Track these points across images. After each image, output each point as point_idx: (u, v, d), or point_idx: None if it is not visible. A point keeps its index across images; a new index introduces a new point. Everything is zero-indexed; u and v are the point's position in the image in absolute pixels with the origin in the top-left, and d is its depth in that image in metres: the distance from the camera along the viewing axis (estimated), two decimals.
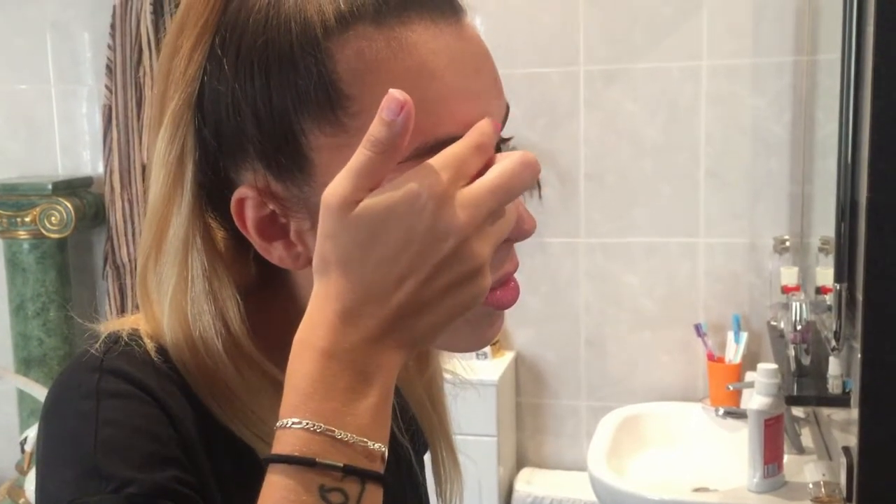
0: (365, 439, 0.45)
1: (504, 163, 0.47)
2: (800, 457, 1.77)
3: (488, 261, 0.46)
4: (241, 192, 0.52)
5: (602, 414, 2.14)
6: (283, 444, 0.45)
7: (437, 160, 0.46)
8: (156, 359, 0.54)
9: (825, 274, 1.73)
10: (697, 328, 2.20)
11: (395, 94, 0.44)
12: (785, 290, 1.94)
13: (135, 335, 0.55)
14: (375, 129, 0.44)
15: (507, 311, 0.56)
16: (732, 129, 2.20)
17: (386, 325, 0.45)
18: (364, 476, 0.44)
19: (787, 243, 2.09)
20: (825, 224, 1.75)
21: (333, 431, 0.44)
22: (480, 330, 0.55)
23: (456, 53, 0.51)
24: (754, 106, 2.18)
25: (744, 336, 2.15)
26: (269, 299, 0.59)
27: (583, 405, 2.40)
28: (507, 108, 0.55)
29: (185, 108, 0.53)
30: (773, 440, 1.62)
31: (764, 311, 2.18)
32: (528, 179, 0.47)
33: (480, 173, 0.47)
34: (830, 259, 1.65)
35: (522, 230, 0.52)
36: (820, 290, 1.78)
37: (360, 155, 0.45)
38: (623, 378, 2.36)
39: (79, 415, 0.51)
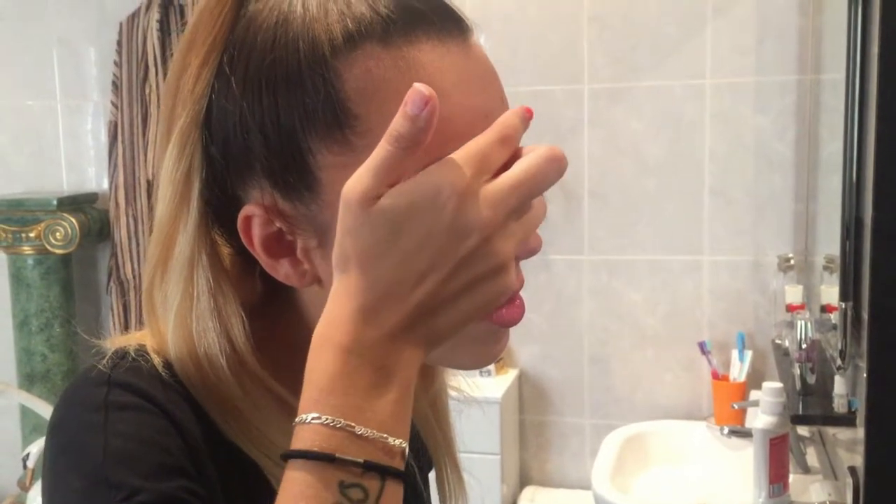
0: (385, 435, 0.44)
1: (530, 157, 0.46)
2: (805, 476, 1.76)
3: (512, 258, 0.46)
4: (248, 209, 0.52)
5: (606, 432, 2.13)
6: (303, 439, 0.44)
7: (459, 154, 0.45)
8: (163, 374, 0.54)
9: (830, 292, 1.72)
10: (702, 346, 2.19)
11: (420, 87, 0.44)
12: (789, 308, 1.94)
13: (141, 351, 0.56)
14: (398, 123, 0.44)
15: (510, 329, 0.56)
16: (736, 146, 2.21)
17: (406, 321, 0.45)
18: (384, 472, 0.44)
19: (792, 261, 2.09)
20: (829, 242, 1.75)
21: (353, 427, 0.44)
22: (485, 347, 0.55)
23: (463, 73, 0.51)
24: (758, 124, 2.18)
25: (748, 354, 2.14)
26: (274, 316, 0.59)
27: (587, 423, 2.40)
28: None
29: (192, 126, 0.53)
30: (779, 460, 1.61)
31: (768, 329, 2.18)
32: (553, 175, 0.47)
33: (507, 166, 0.46)
34: (835, 277, 1.64)
35: (529, 248, 0.52)
36: (825, 309, 1.77)
37: (382, 150, 0.44)
38: (627, 396, 2.35)
39: (87, 427, 0.51)
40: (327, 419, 0.44)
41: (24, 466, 2.09)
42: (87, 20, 2.58)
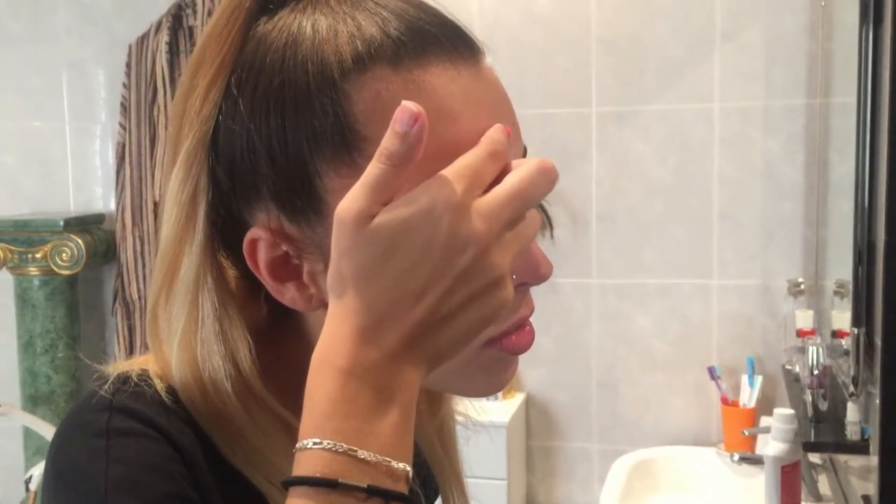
0: (388, 458, 0.44)
1: (521, 170, 0.46)
2: None
3: (509, 271, 0.45)
4: (254, 232, 0.52)
5: (614, 457, 2.11)
6: (304, 465, 0.43)
7: (450, 171, 0.45)
8: (166, 399, 0.53)
9: (841, 318, 1.71)
10: (711, 371, 2.17)
11: (409, 105, 0.44)
12: (800, 333, 1.92)
13: (144, 375, 0.55)
14: (389, 141, 0.44)
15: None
16: (745, 170, 2.20)
17: (406, 341, 0.44)
18: (388, 496, 0.43)
19: (802, 286, 2.07)
20: (840, 267, 1.74)
21: (356, 451, 0.43)
22: (494, 375, 0.54)
23: (474, 96, 0.50)
24: (767, 148, 2.18)
25: (758, 380, 2.12)
26: (280, 340, 0.58)
27: (594, 448, 2.37)
28: (525, 150, 0.54)
29: (199, 147, 0.52)
30: (791, 488, 1.59)
31: (778, 354, 2.16)
32: (545, 186, 0.46)
33: (497, 181, 0.46)
34: (846, 302, 1.63)
35: (539, 274, 0.51)
36: (836, 334, 1.76)
37: (374, 168, 0.44)
38: (635, 421, 2.33)
39: (89, 453, 0.50)
40: (328, 444, 0.43)
41: (27, 489, 2.07)
42: (96, 43, 2.59)
